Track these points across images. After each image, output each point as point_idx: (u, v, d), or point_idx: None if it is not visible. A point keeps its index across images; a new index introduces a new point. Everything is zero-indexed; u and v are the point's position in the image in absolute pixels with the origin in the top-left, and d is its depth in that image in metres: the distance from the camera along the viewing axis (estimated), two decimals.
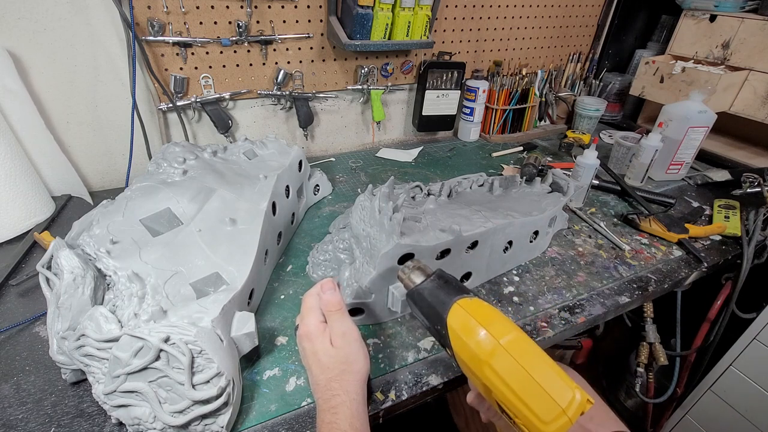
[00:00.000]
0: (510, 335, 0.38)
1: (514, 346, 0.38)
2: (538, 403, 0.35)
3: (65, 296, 0.47)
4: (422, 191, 0.74)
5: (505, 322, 0.40)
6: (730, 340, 0.90)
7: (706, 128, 0.99)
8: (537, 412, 0.34)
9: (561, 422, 0.34)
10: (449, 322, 0.41)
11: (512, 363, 0.37)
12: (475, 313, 0.40)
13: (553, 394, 0.35)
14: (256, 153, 0.80)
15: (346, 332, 0.47)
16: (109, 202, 0.61)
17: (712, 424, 0.99)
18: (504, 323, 0.40)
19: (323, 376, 0.45)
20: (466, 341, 0.39)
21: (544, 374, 0.36)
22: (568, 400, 0.34)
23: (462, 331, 0.40)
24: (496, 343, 0.38)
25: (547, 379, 0.36)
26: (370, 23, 0.91)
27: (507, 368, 0.37)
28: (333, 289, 0.49)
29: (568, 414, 0.34)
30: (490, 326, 0.39)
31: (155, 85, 0.88)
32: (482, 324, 0.39)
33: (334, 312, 0.48)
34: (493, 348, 0.38)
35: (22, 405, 0.48)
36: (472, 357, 0.39)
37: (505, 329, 0.39)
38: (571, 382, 0.36)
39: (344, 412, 0.42)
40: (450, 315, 0.41)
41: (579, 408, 0.34)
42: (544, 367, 0.37)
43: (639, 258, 0.79)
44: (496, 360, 0.37)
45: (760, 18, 1.04)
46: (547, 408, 0.34)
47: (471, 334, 0.39)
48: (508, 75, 1.23)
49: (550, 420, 0.34)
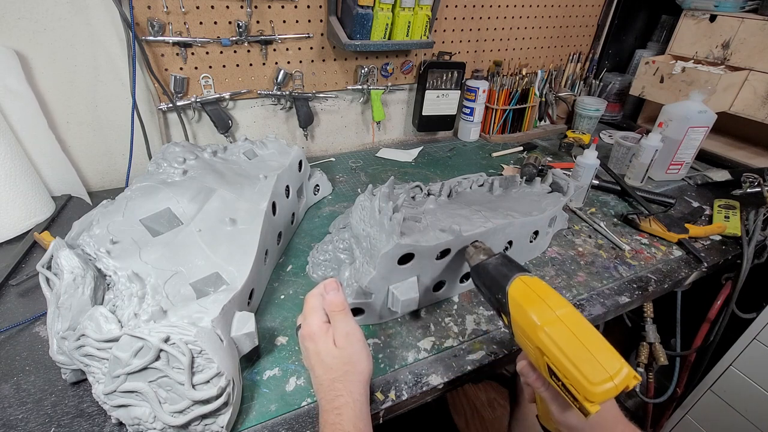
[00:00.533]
0: (565, 308, 0.42)
1: (568, 317, 0.41)
2: (588, 366, 0.37)
3: (65, 296, 0.47)
4: (422, 191, 0.74)
5: (561, 299, 0.44)
6: (730, 340, 0.90)
7: (706, 128, 0.99)
8: (586, 373, 0.37)
9: (608, 386, 0.36)
10: (510, 292, 0.45)
11: (566, 330, 0.40)
12: (535, 287, 0.45)
13: (602, 361, 0.37)
14: (256, 153, 0.80)
15: (350, 333, 0.47)
16: (109, 202, 0.61)
17: (712, 424, 0.99)
18: (560, 299, 0.43)
19: (326, 377, 0.45)
20: (526, 309, 0.43)
21: (595, 344, 0.39)
22: (616, 369, 0.37)
23: (522, 300, 0.44)
24: (552, 312, 0.42)
25: (597, 349, 0.38)
26: (370, 23, 0.91)
27: (561, 334, 0.40)
28: (337, 289, 0.49)
29: (615, 381, 0.36)
30: (548, 299, 0.43)
31: (155, 85, 0.88)
32: (541, 296, 0.43)
33: (337, 312, 0.48)
34: (550, 316, 0.41)
35: (22, 405, 0.48)
36: (529, 322, 0.42)
37: (561, 303, 0.43)
38: (621, 357, 0.38)
39: (348, 413, 0.42)
40: (512, 286, 0.46)
41: (625, 380, 0.37)
42: (596, 339, 0.39)
43: (639, 258, 0.79)
44: (551, 327, 0.41)
45: (760, 18, 1.04)
46: (596, 372, 0.37)
47: (531, 303, 0.43)
48: (508, 75, 1.23)
49: (598, 382, 0.36)
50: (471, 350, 0.58)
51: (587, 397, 0.36)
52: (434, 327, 0.62)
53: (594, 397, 0.36)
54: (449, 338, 0.60)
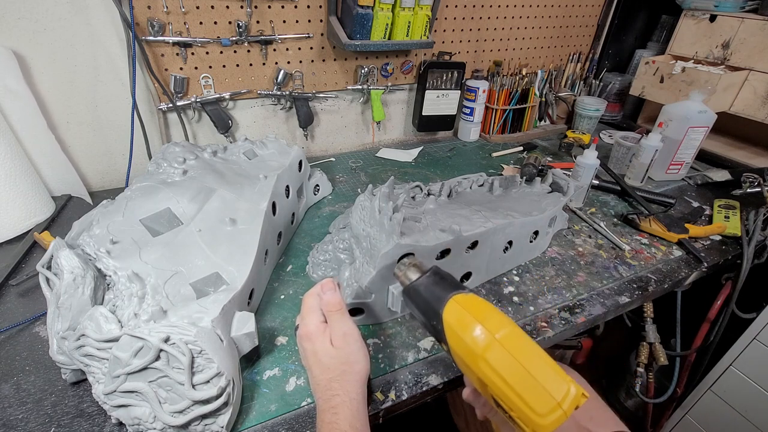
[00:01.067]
0: (505, 330, 0.38)
1: (509, 340, 0.38)
2: (533, 396, 0.35)
3: (65, 296, 0.47)
4: (422, 191, 0.74)
5: (500, 317, 0.40)
6: (730, 340, 0.90)
7: (706, 128, 0.99)
8: (532, 405, 0.34)
9: (556, 415, 0.34)
10: (445, 317, 0.41)
11: (507, 357, 0.37)
12: (471, 308, 0.40)
13: (548, 387, 0.35)
14: (256, 153, 0.80)
15: (347, 333, 0.47)
16: (109, 202, 0.61)
17: (712, 424, 0.99)
18: (499, 318, 0.40)
19: (324, 377, 0.45)
20: (462, 336, 0.39)
21: (539, 368, 0.36)
22: (563, 393, 0.34)
23: (457, 325, 0.40)
24: (491, 337, 0.38)
25: (542, 373, 0.36)
26: (370, 23, 0.91)
27: (502, 362, 0.37)
28: (333, 289, 0.49)
29: (563, 407, 0.34)
30: (486, 321, 0.39)
31: (155, 85, 0.88)
32: (477, 319, 0.39)
33: (334, 312, 0.48)
34: (489, 342, 0.38)
35: (22, 405, 0.48)
36: (467, 351, 0.39)
37: (500, 324, 0.39)
38: (566, 376, 0.36)
39: (344, 413, 0.42)
40: (446, 310, 0.41)
41: (574, 401, 0.35)
42: (539, 362, 0.37)
43: (639, 258, 0.79)
44: (491, 354, 0.37)
45: (760, 18, 1.04)
46: (543, 401, 0.34)
47: (466, 328, 0.39)
48: (508, 75, 1.23)
49: (545, 413, 0.34)
50: None
51: (535, 430, 0.34)
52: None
53: (543, 430, 0.34)
54: None
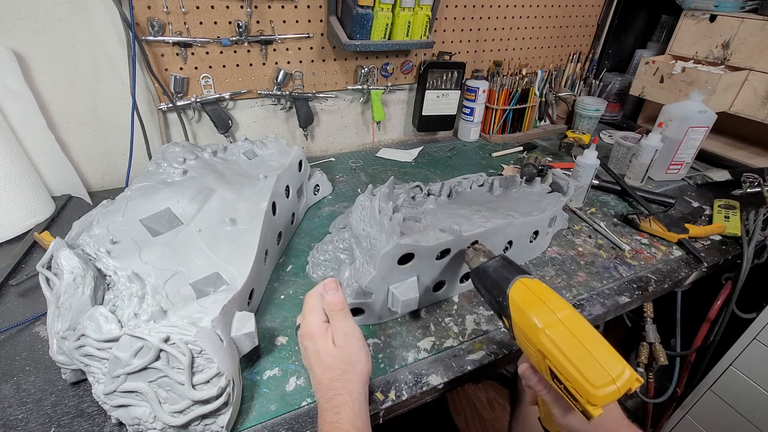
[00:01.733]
0: (567, 311, 0.42)
1: (569, 320, 0.41)
2: (589, 369, 0.37)
3: (65, 296, 0.47)
4: (422, 191, 0.74)
5: (562, 301, 0.43)
6: (730, 340, 0.90)
7: (706, 128, 0.99)
8: (588, 376, 0.36)
9: (610, 389, 0.36)
10: (511, 295, 0.45)
11: (567, 333, 0.40)
12: (536, 290, 0.44)
13: (604, 364, 0.37)
14: (256, 153, 0.80)
15: (349, 332, 0.47)
16: (109, 202, 0.61)
17: (712, 424, 0.99)
18: (561, 301, 0.43)
19: (326, 376, 0.45)
20: (527, 311, 0.43)
21: (596, 347, 0.39)
22: (618, 372, 0.37)
23: (523, 303, 0.44)
24: (553, 315, 0.41)
25: (599, 352, 0.38)
26: (370, 23, 0.91)
27: (562, 336, 0.40)
28: (336, 289, 0.49)
29: (617, 384, 0.36)
30: (549, 302, 0.43)
31: (155, 85, 0.88)
32: (542, 299, 0.43)
33: (336, 312, 0.48)
34: (551, 319, 0.41)
35: (22, 405, 0.48)
36: (530, 326, 0.42)
37: (562, 306, 0.42)
38: (623, 360, 0.38)
39: (347, 412, 0.42)
40: (512, 289, 0.45)
41: (627, 383, 0.36)
42: (597, 342, 0.39)
43: (639, 258, 0.79)
44: (553, 329, 0.40)
45: (760, 18, 1.04)
46: (598, 374, 0.36)
47: (531, 305, 0.43)
48: (508, 75, 1.23)
49: (600, 385, 0.36)
50: (471, 350, 0.58)
51: (590, 400, 0.36)
52: (434, 327, 0.62)
53: (596, 400, 0.36)
54: (449, 338, 0.60)
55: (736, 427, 0.94)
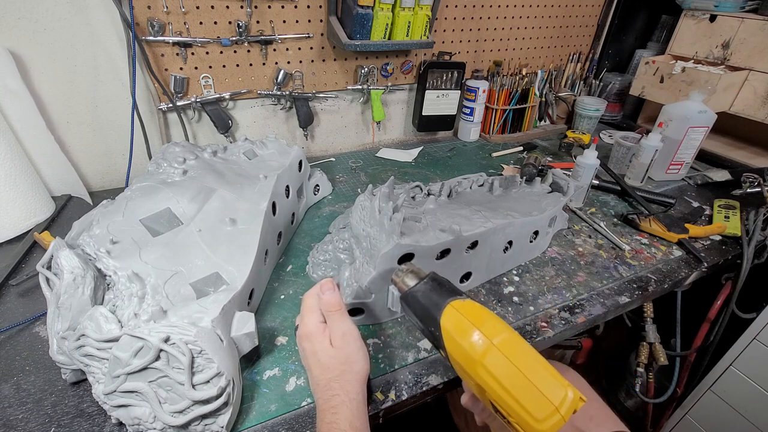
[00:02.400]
0: (502, 335, 0.38)
1: (506, 345, 0.38)
2: (531, 402, 0.35)
3: (65, 296, 0.47)
4: (422, 191, 0.74)
5: (497, 323, 0.40)
6: (730, 340, 0.90)
7: (706, 128, 0.99)
8: (530, 410, 0.34)
9: (554, 420, 0.34)
10: (443, 324, 0.41)
11: (505, 362, 0.37)
12: (468, 314, 0.40)
13: (545, 392, 0.35)
14: (256, 153, 0.80)
15: (346, 332, 0.47)
16: (109, 202, 0.61)
17: (712, 424, 0.99)
18: (496, 323, 0.40)
19: (323, 377, 0.45)
20: (460, 342, 0.39)
21: (536, 373, 0.36)
22: (560, 398, 0.35)
23: (455, 331, 0.40)
24: (488, 342, 0.38)
25: (539, 378, 0.36)
26: (370, 23, 0.91)
27: (500, 367, 0.37)
28: (332, 289, 0.49)
29: (561, 412, 0.34)
30: (483, 326, 0.39)
31: (155, 85, 0.88)
32: (475, 324, 0.39)
33: (333, 312, 0.48)
34: (486, 348, 0.38)
35: (22, 405, 0.48)
36: (465, 357, 0.39)
37: (497, 329, 0.39)
38: (564, 381, 0.36)
39: (344, 412, 0.42)
40: (443, 316, 0.41)
41: (572, 406, 0.35)
42: (537, 366, 0.37)
43: (639, 258, 0.79)
44: (489, 359, 0.37)
45: (760, 18, 1.04)
46: (541, 406, 0.34)
47: (464, 334, 0.39)
48: (508, 75, 1.23)
49: (543, 418, 0.34)
50: None
51: None
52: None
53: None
54: None
55: (736, 427, 0.94)
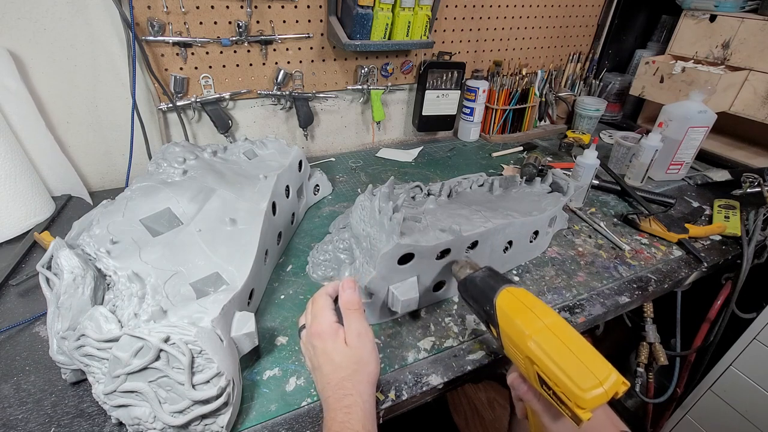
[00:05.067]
0: (553, 318, 0.43)
1: (556, 326, 0.42)
2: (577, 373, 0.38)
3: (65, 296, 0.47)
4: (422, 191, 0.74)
5: (548, 308, 0.44)
6: (730, 340, 0.90)
7: (706, 128, 0.99)
8: (576, 380, 0.37)
9: (597, 392, 0.36)
10: (498, 303, 0.46)
11: (554, 338, 0.41)
12: (522, 298, 0.45)
13: (591, 368, 0.38)
14: (256, 153, 0.80)
15: (362, 333, 0.47)
16: (109, 202, 0.61)
17: (712, 424, 0.99)
18: (547, 309, 0.44)
19: (335, 375, 0.45)
20: (514, 319, 0.44)
21: (583, 352, 0.39)
22: (605, 375, 0.37)
23: (510, 310, 0.45)
24: (540, 321, 0.42)
25: (586, 356, 0.39)
26: (370, 23, 0.91)
27: (549, 342, 0.40)
28: (353, 288, 0.49)
29: (604, 386, 0.37)
30: (535, 309, 0.44)
31: (155, 85, 0.88)
32: (528, 306, 0.44)
33: (353, 311, 0.48)
34: (538, 326, 0.42)
35: (22, 405, 0.48)
36: (518, 332, 0.43)
37: (548, 313, 0.44)
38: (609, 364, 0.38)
39: (357, 413, 0.42)
40: (499, 297, 0.46)
41: (614, 386, 0.37)
42: (584, 347, 0.40)
43: (639, 258, 0.79)
44: (540, 335, 0.41)
45: (760, 18, 1.04)
46: (586, 378, 0.37)
47: (518, 313, 0.44)
48: (508, 75, 1.23)
49: (588, 388, 0.37)
50: (471, 350, 0.58)
51: (578, 403, 0.37)
52: (434, 327, 0.62)
53: (585, 404, 0.36)
54: (449, 338, 0.60)
55: (736, 427, 0.94)
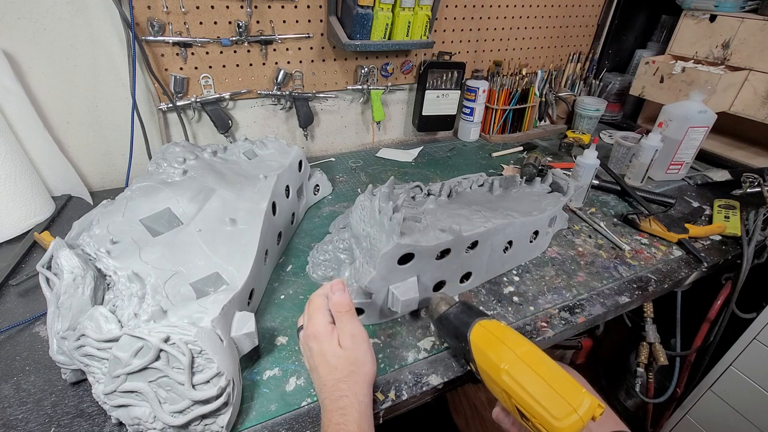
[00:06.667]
0: (524, 347, 0.44)
1: (528, 356, 0.43)
2: (550, 403, 0.39)
3: (65, 296, 0.47)
4: (422, 191, 0.74)
5: (519, 338, 0.46)
6: (730, 340, 0.90)
7: (706, 128, 0.99)
8: (550, 410, 0.38)
9: (572, 419, 0.38)
10: (472, 339, 0.48)
11: (526, 369, 0.42)
12: (494, 330, 0.47)
13: (564, 395, 0.39)
14: (256, 153, 0.80)
15: (356, 334, 0.47)
16: (109, 202, 0.61)
17: (712, 424, 0.99)
18: (518, 338, 0.46)
19: (331, 377, 0.45)
20: (487, 353, 0.45)
21: (555, 379, 0.41)
22: (578, 401, 0.38)
23: (483, 344, 0.46)
24: (512, 353, 0.43)
25: (558, 384, 0.40)
26: (370, 23, 0.91)
27: (522, 374, 0.42)
28: (343, 290, 0.49)
29: (579, 413, 0.38)
30: (506, 340, 0.45)
31: (155, 85, 0.88)
32: (500, 338, 0.46)
33: (344, 313, 0.48)
34: (510, 357, 0.43)
35: (22, 405, 0.48)
36: (492, 366, 0.44)
37: (519, 342, 0.45)
38: (582, 389, 0.39)
39: (353, 414, 0.42)
40: (472, 333, 0.48)
41: (589, 411, 0.38)
42: (556, 374, 0.41)
43: (639, 258, 0.79)
44: (512, 367, 0.42)
45: (760, 18, 1.04)
46: (560, 407, 0.38)
47: (491, 346, 0.46)
48: (508, 75, 1.23)
49: (562, 416, 0.38)
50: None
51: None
52: (434, 327, 0.62)
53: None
54: None
55: (736, 427, 0.94)
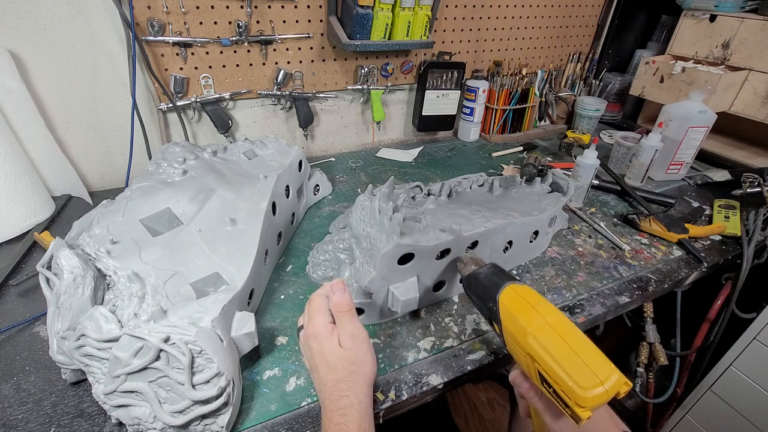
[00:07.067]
0: (555, 316, 0.42)
1: (558, 324, 0.41)
2: (577, 372, 0.37)
3: (65, 296, 0.47)
4: (422, 191, 0.74)
5: (551, 306, 0.44)
6: (730, 340, 0.90)
7: (706, 128, 0.99)
8: (576, 378, 0.37)
9: (598, 392, 0.36)
10: (501, 300, 0.46)
11: (556, 336, 0.40)
12: (525, 295, 0.45)
13: (592, 367, 0.37)
14: (256, 153, 0.80)
15: (356, 334, 0.47)
16: (109, 202, 0.61)
17: (712, 424, 0.99)
18: (550, 306, 0.44)
19: (331, 377, 0.45)
20: (516, 316, 0.43)
21: (585, 351, 0.39)
22: (606, 375, 0.37)
23: (513, 307, 0.45)
24: (542, 319, 0.42)
25: (587, 355, 0.38)
26: (370, 23, 0.91)
27: (551, 340, 0.40)
28: (343, 290, 0.49)
29: (605, 386, 0.36)
30: (538, 306, 0.43)
31: (155, 85, 0.88)
32: (531, 304, 0.44)
33: (344, 313, 0.48)
34: (540, 323, 0.42)
35: (22, 405, 0.48)
36: (519, 329, 0.42)
37: (551, 310, 0.43)
38: (612, 364, 0.38)
39: (353, 414, 0.42)
40: (502, 294, 0.46)
41: (615, 386, 0.37)
42: (586, 346, 0.39)
43: (639, 258, 0.79)
44: (541, 332, 0.41)
45: (760, 18, 1.04)
46: (586, 377, 0.37)
47: (521, 310, 0.44)
48: (508, 75, 1.23)
49: (588, 387, 0.36)
50: (471, 350, 0.58)
51: (578, 402, 0.36)
52: (434, 327, 0.62)
53: (585, 402, 0.36)
54: (449, 338, 0.60)
55: (736, 427, 0.94)
